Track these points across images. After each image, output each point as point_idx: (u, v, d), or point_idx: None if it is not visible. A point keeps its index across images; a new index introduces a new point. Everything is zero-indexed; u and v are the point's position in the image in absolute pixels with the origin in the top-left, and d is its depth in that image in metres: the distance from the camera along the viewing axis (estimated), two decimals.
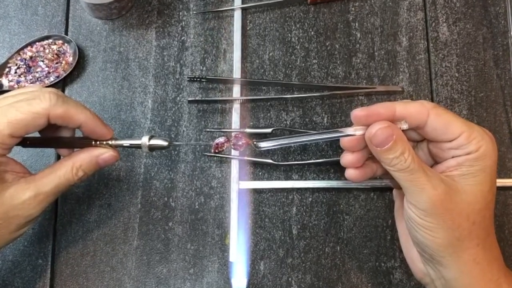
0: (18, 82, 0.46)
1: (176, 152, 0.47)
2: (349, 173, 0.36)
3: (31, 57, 0.47)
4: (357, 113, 0.33)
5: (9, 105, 0.31)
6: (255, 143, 0.36)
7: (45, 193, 0.33)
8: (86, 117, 0.34)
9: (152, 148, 0.36)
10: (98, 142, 0.36)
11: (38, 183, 0.33)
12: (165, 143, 0.36)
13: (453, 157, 0.33)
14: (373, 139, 0.32)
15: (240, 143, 0.36)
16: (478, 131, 0.32)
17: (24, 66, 0.47)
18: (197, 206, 0.45)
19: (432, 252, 0.33)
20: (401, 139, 0.31)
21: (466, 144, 0.32)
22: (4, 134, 0.31)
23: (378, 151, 0.32)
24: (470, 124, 0.32)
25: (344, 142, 0.34)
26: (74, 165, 0.34)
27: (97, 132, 0.35)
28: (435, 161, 0.35)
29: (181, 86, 0.48)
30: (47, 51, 0.47)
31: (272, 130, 0.45)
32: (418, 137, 0.35)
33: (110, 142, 0.36)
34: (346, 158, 0.35)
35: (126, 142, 0.36)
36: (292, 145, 0.35)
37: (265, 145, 0.36)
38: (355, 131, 0.33)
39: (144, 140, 0.36)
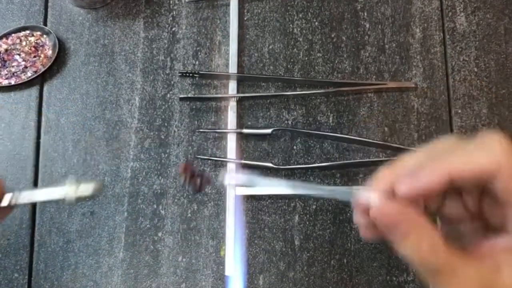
0: None
1: (166, 155, 0.45)
2: (363, 233, 0.32)
3: (6, 50, 0.46)
4: (401, 188, 0.26)
5: None
6: (222, 176, 0.32)
7: None
8: None
9: (80, 199, 0.30)
10: None
11: None
12: (97, 188, 0.30)
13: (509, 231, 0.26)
14: (377, 221, 0.28)
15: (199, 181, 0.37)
16: None
17: None
18: (189, 215, 0.44)
19: None
20: (415, 227, 0.26)
21: None
22: None
23: (386, 233, 0.28)
24: None
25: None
26: None
27: None
28: (481, 220, 0.28)
29: (172, 82, 0.47)
30: (24, 43, 0.46)
31: (272, 131, 0.45)
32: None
33: (4, 205, 0.30)
34: (359, 220, 0.30)
35: (31, 199, 0.30)
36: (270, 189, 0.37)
37: (229, 181, 0.33)
38: (362, 196, 0.27)
39: (70, 193, 0.29)
